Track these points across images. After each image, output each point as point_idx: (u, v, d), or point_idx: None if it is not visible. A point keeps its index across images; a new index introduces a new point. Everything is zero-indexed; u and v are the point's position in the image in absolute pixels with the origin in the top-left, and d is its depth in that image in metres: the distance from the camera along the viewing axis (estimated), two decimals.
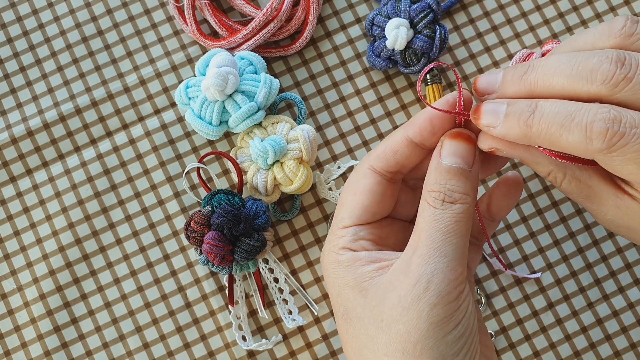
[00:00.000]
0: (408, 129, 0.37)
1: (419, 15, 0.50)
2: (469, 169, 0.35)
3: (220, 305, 0.51)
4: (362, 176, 0.38)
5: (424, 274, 0.33)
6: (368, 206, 0.38)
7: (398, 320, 0.33)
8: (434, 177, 0.35)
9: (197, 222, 0.47)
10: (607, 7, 0.54)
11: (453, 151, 0.35)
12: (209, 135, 0.49)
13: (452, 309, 0.33)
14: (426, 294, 0.33)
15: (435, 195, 0.34)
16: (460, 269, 0.34)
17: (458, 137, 0.35)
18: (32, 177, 0.52)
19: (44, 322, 0.50)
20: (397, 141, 0.37)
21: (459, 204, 0.34)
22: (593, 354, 0.50)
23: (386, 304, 0.34)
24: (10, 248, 0.51)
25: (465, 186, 0.35)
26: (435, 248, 0.33)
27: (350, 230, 0.37)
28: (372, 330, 0.34)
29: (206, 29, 0.54)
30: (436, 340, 0.33)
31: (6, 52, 0.53)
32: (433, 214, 0.34)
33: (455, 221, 0.34)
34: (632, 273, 0.51)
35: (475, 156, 0.35)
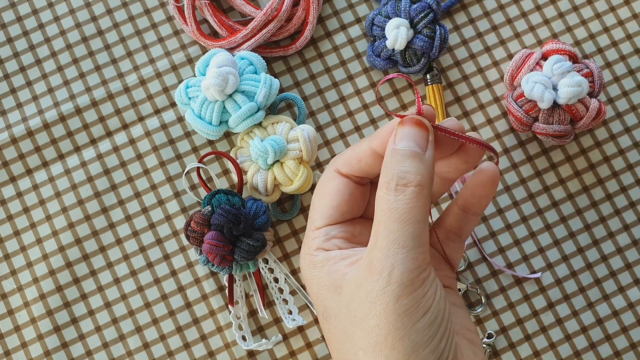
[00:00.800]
0: (373, 140, 0.37)
1: (419, 15, 0.50)
2: (422, 152, 0.35)
3: (220, 305, 0.51)
4: (330, 178, 0.39)
5: (385, 267, 0.33)
6: (337, 206, 0.38)
7: (368, 314, 0.34)
8: (388, 162, 0.35)
9: (197, 222, 0.47)
10: (607, 7, 0.54)
11: (405, 135, 0.35)
12: (209, 135, 0.49)
13: (418, 297, 0.33)
14: (389, 287, 0.33)
15: (388, 179, 0.35)
16: (421, 256, 0.34)
17: (410, 123, 0.36)
18: (32, 177, 0.52)
19: (44, 322, 0.50)
20: (362, 150, 0.38)
21: (412, 186, 0.34)
22: (593, 354, 0.50)
23: (357, 300, 0.34)
24: (10, 248, 0.51)
25: (419, 167, 0.35)
26: (392, 240, 0.34)
27: (323, 231, 0.38)
28: (348, 327, 0.35)
29: (206, 29, 0.54)
30: (406, 330, 0.33)
31: (6, 52, 0.53)
32: (387, 202, 0.34)
33: (410, 208, 0.34)
34: (632, 273, 0.51)
35: (428, 141, 0.36)
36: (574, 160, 0.53)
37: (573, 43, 0.54)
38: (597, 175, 0.52)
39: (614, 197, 0.52)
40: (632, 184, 0.52)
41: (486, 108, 0.53)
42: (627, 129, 0.53)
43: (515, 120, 0.50)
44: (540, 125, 0.49)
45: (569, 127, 0.49)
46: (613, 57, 0.54)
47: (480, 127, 0.53)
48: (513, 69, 0.50)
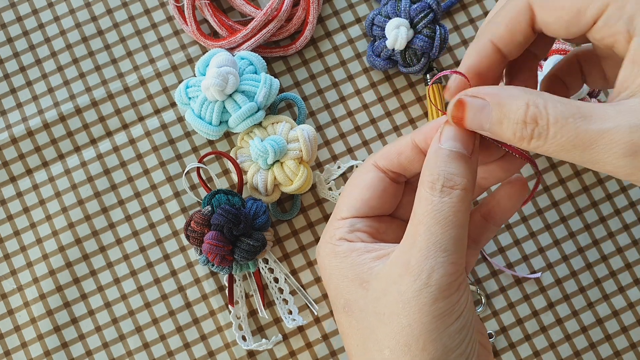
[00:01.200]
0: (416, 134, 0.36)
1: (419, 15, 0.50)
2: (469, 154, 0.34)
3: (220, 305, 0.51)
4: (365, 171, 0.38)
5: (424, 269, 0.33)
6: (367, 200, 0.37)
7: (400, 313, 0.33)
8: (432, 161, 0.34)
9: (197, 222, 0.47)
10: None
11: (452, 135, 0.34)
12: (209, 135, 0.49)
13: (453, 302, 0.33)
14: (427, 288, 0.33)
15: (433, 179, 0.34)
16: (460, 261, 0.33)
17: (457, 123, 0.35)
18: (32, 177, 0.52)
19: (44, 322, 0.50)
20: (403, 143, 0.37)
21: (458, 189, 0.33)
22: (593, 354, 0.50)
23: (388, 298, 0.34)
24: (10, 248, 0.51)
25: (465, 170, 0.34)
26: (434, 242, 0.33)
27: (348, 222, 0.37)
28: (374, 323, 0.34)
29: (206, 29, 0.54)
30: (439, 333, 0.33)
31: (6, 52, 0.54)
32: (431, 202, 0.33)
33: (454, 212, 0.33)
34: (632, 273, 0.51)
35: (474, 143, 0.35)
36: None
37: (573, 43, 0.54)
38: (597, 175, 0.52)
39: (614, 197, 0.52)
40: (632, 184, 0.52)
41: None
42: None
43: None
44: None
45: None
46: None
47: None
48: None
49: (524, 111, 0.31)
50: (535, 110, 0.31)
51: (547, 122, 0.31)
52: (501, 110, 0.32)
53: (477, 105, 0.33)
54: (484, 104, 0.33)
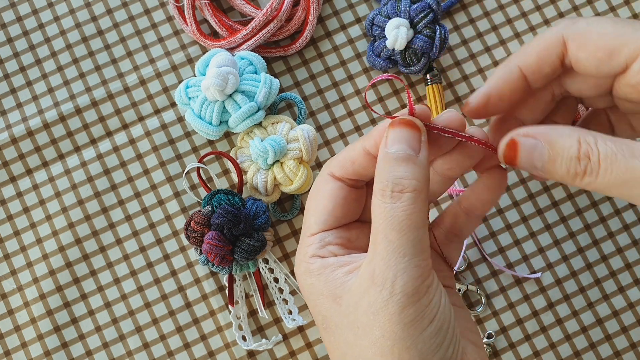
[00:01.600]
0: (365, 141, 0.36)
1: (419, 15, 0.50)
2: (416, 154, 0.34)
3: (220, 305, 0.51)
4: (323, 182, 0.38)
5: (387, 277, 0.33)
6: (332, 210, 0.37)
7: (372, 325, 0.33)
8: (381, 167, 0.34)
9: (197, 222, 0.47)
10: (607, 7, 0.54)
11: (397, 138, 0.34)
12: (209, 135, 0.49)
13: (423, 306, 0.33)
14: (393, 297, 0.33)
15: (382, 186, 0.34)
16: (423, 263, 0.33)
17: (400, 124, 0.35)
18: (32, 177, 0.52)
19: (44, 322, 0.50)
20: (356, 152, 0.37)
21: (408, 192, 0.33)
22: (593, 354, 0.50)
23: (359, 311, 0.34)
24: (10, 248, 0.51)
25: (414, 171, 0.34)
26: (392, 249, 0.33)
27: (318, 237, 0.37)
28: (350, 337, 0.34)
29: (206, 29, 0.54)
30: (413, 340, 0.33)
31: (6, 52, 0.54)
32: (384, 209, 0.33)
33: (408, 215, 0.33)
34: (632, 273, 0.51)
35: (421, 142, 0.35)
36: None
37: None
38: None
39: (614, 197, 0.52)
40: None
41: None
42: None
43: None
44: None
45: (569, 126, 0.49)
46: None
47: (481, 127, 0.53)
48: None
49: (577, 148, 0.32)
50: (587, 147, 0.32)
51: (597, 158, 0.31)
52: (553, 149, 0.33)
53: (529, 144, 0.34)
54: (535, 143, 0.33)
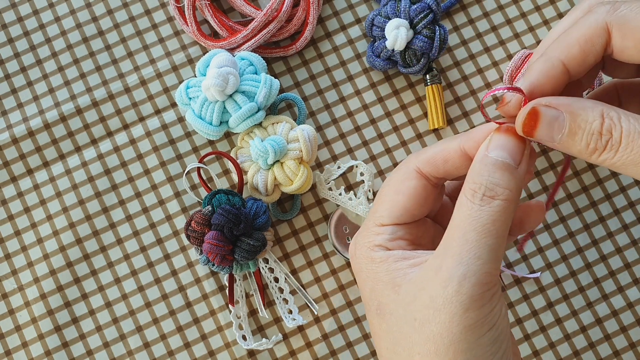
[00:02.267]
0: (466, 141, 0.35)
1: (419, 15, 0.50)
2: (515, 165, 0.33)
3: (220, 304, 0.51)
4: (407, 177, 0.37)
5: (455, 275, 0.32)
6: (410, 208, 0.36)
7: (431, 320, 0.32)
8: (477, 169, 0.33)
9: (198, 221, 0.47)
10: None
11: (501, 144, 0.33)
12: (209, 135, 0.49)
13: (485, 312, 0.32)
14: (458, 296, 0.32)
15: (475, 187, 0.33)
16: (495, 271, 0.32)
17: (508, 132, 0.34)
18: (33, 177, 0.52)
19: (44, 321, 0.51)
20: (451, 150, 0.36)
21: (499, 199, 0.32)
22: (592, 353, 0.51)
23: (418, 303, 0.33)
24: (11, 248, 0.51)
25: (509, 182, 0.33)
26: (468, 249, 0.32)
27: (389, 229, 0.36)
28: (405, 328, 0.34)
29: (206, 30, 0.54)
30: (469, 344, 0.32)
31: (7, 53, 0.54)
32: (470, 209, 0.33)
33: (493, 220, 0.32)
34: (631, 273, 0.52)
35: (523, 154, 0.34)
36: (573, 160, 0.53)
37: None
38: (596, 175, 0.53)
39: (613, 197, 0.52)
40: (631, 184, 0.52)
41: (486, 108, 0.53)
42: None
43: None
44: None
45: None
46: None
47: None
48: (512, 69, 0.50)
49: (600, 122, 0.31)
50: (610, 122, 0.31)
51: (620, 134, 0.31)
52: (575, 121, 0.32)
53: (550, 115, 0.32)
54: (557, 114, 0.32)
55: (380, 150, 0.53)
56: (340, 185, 0.52)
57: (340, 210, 0.51)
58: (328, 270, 0.51)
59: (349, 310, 0.51)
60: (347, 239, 0.51)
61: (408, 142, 0.53)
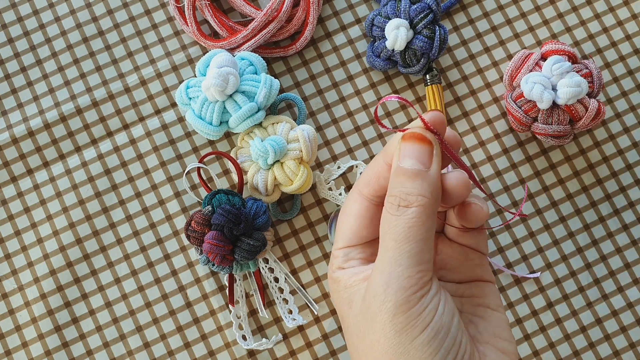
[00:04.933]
0: (385, 155, 0.37)
1: (419, 15, 0.50)
2: (426, 169, 0.35)
3: (220, 304, 0.51)
4: (352, 201, 0.39)
5: (380, 284, 0.34)
6: (356, 230, 0.38)
7: (368, 330, 0.34)
8: (392, 181, 0.35)
9: (198, 221, 0.47)
10: (607, 8, 0.54)
11: (408, 153, 0.35)
12: (209, 135, 0.49)
13: (414, 315, 0.33)
14: (385, 305, 0.33)
15: (392, 200, 0.35)
16: (418, 274, 0.34)
17: (411, 139, 0.35)
18: (33, 177, 0.52)
19: (44, 321, 0.51)
20: (379, 167, 0.37)
21: (414, 207, 0.34)
22: (592, 353, 0.51)
23: (360, 315, 0.35)
24: (11, 248, 0.51)
25: (422, 187, 0.34)
26: (389, 257, 0.34)
27: (342, 252, 0.39)
28: (354, 340, 0.36)
29: (206, 30, 0.54)
30: (404, 347, 0.33)
31: (7, 53, 0.54)
32: (389, 222, 0.34)
33: (409, 227, 0.34)
34: (631, 273, 0.52)
35: (432, 157, 0.35)
36: (573, 160, 0.53)
37: (572, 43, 0.54)
38: (596, 175, 0.53)
39: (613, 197, 0.52)
40: (631, 184, 0.52)
41: (486, 108, 0.53)
42: (626, 129, 0.53)
43: (514, 120, 0.50)
44: (539, 126, 0.49)
45: (568, 127, 0.49)
46: (612, 57, 0.54)
47: (480, 127, 0.53)
48: (512, 70, 0.50)
49: None
50: None
51: None
52: None
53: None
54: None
55: (380, 150, 0.53)
56: (340, 185, 0.52)
57: (340, 210, 0.51)
58: None
59: None
60: None
61: None
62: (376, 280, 0.34)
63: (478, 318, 0.38)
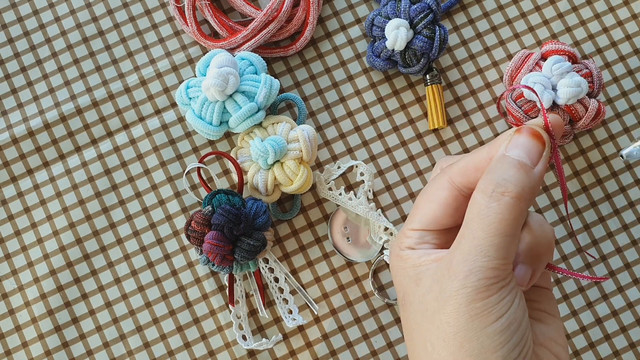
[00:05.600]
0: (492, 147, 0.36)
1: (419, 15, 0.50)
2: (532, 165, 0.34)
3: (220, 304, 0.51)
4: (441, 187, 0.38)
5: (462, 270, 0.33)
6: (439, 217, 0.38)
7: (440, 310, 0.34)
8: (492, 167, 0.34)
9: (198, 221, 0.47)
10: (607, 8, 0.54)
11: (519, 144, 0.35)
12: (209, 135, 0.49)
13: (492, 302, 0.33)
14: (464, 289, 0.33)
15: (487, 183, 0.34)
16: (502, 267, 0.33)
17: (527, 133, 0.35)
18: (33, 177, 0.52)
19: (44, 321, 0.51)
20: (482, 159, 0.36)
21: (509, 196, 0.33)
22: (592, 353, 0.51)
23: (430, 294, 0.35)
24: (11, 248, 0.51)
25: (522, 180, 0.34)
26: (475, 246, 0.33)
27: (417, 234, 0.38)
28: (419, 317, 0.35)
29: (206, 30, 0.54)
30: (476, 332, 0.33)
31: (7, 53, 0.54)
32: (479, 207, 0.34)
33: (500, 219, 0.33)
34: (631, 273, 0.52)
35: (541, 157, 0.35)
36: (573, 160, 0.53)
37: (572, 43, 0.54)
38: (596, 175, 0.53)
39: (613, 197, 0.52)
40: (631, 184, 0.52)
41: (486, 108, 0.53)
42: (626, 129, 0.53)
43: (514, 120, 0.50)
44: None
45: (568, 127, 0.49)
46: (612, 57, 0.54)
47: (480, 127, 0.53)
48: (512, 69, 0.50)
49: None
50: None
51: None
52: None
53: None
54: None
55: (380, 150, 0.53)
56: (340, 185, 0.52)
57: (340, 210, 0.51)
58: (328, 270, 0.51)
59: (349, 310, 0.51)
60: (347, 239, 0.51)
61: (408, 142, 0.53)
62: (458, 265, 0.34)
63: (536, 321, 0.38)
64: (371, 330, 0.51)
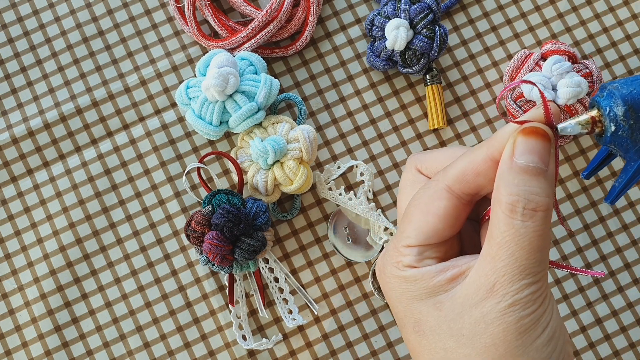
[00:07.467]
0: (491, 148, 0.33)
1: (419, 15, 0.50)
2: (546, 168, 0.32)
3: (220, 304, 0.51)
4: (438, 197, 0.34)
5: (509, 292, 0.31)
6: (439, 229, 0.34)
7: (482, 334, 0.32)
8: (508, 179, 0.32)
9: (198, 221, 0.47)
10: (607, 8, 0.54)
11: (528, 148, 0.32)
12: (209, 135, 0.49)
13: (538, 315, 0.32)
14: (512, 309, 0.31)
15: (513, 200, 0.31)
16: (543, 279, 0.32)
17: (532, 134, 0.32)
18: (33, 177, 0.52)
19: (44, 321, 0.51)
20: (480, 162, 0.33)
21: (541, 210, 0.31)
22: (592, 353, 0.51)
23: (466, 319, 0.32)
24: (11, 248, 0.51)
25: (546, 189, 0.31)
26: (518, 266, 0.31)
27: (415, 250, 0.35)
28: (450, 344, 0.33)
29: (206, 30, 0.54)
30: (525, 348, 0.32)
31: (7, 53, 0.54)
32: (513, 227, 0.31)
33: (539, 235, 0.31)
34: (631, 273, 0.52)
35: (550, 154, 0.32)
36: (573, 160, 0.53)
37: (572, 43, 0.54)
38: (596, 175, 0.53)
39: None
40: None
41: (485, 108, 0.53)
42: None
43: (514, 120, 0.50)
44: None
45: None
46: (612, 57, 0.54)
47: (480, 127, 0.53)
48: (512, 69, 0.50)
49: None
50: None
51: None
52: None
53: None
54: None
55: (380, 150, 0.53)
56: (340, 185, 0.52)
57: (340, 211, 0.51)
58: (328, 270, 0.51)
59: (349, 310, 0.51)
60: (347, 239, 0.51)
61: (408, 142, 0.53)
62: (503, 287, 0.31)
63: None
64: (371, 330, 0.51)
